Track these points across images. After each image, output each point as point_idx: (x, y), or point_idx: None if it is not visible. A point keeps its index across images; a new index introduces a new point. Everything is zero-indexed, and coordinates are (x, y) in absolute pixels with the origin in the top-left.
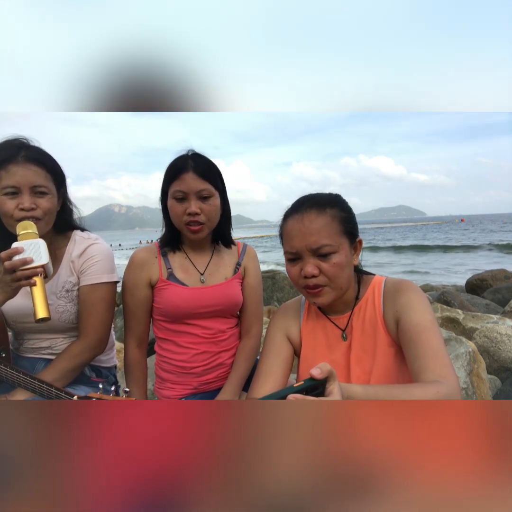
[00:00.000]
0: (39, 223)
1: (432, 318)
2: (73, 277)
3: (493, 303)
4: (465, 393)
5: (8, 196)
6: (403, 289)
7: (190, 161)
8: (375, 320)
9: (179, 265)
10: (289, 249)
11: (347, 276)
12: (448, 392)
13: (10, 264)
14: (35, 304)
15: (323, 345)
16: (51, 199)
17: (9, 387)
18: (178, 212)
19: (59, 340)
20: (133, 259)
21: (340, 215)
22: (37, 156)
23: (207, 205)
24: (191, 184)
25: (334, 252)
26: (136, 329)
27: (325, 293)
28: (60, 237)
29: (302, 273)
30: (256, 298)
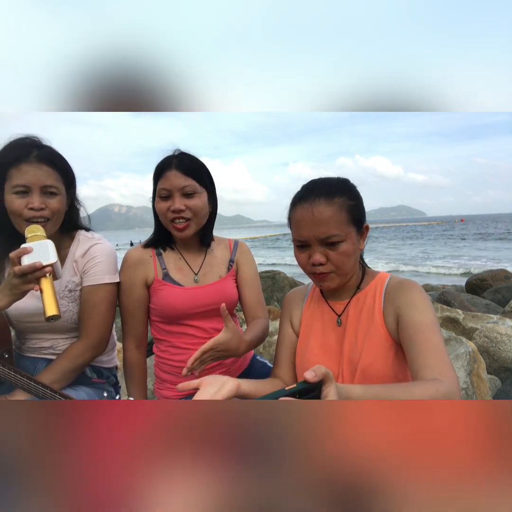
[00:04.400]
0: (47, 224)
1: (434, 318)
2: (76, 277)
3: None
4: (465, 393)
5: (18, 195)
6: (406, 287)
7: (174, 160)
8: (373, 313)
9: (174, 265)
10: (298, 237)
11: (353, 262)
12: (447, 390)
13: (20, 270)
14: (45, 302)
15: (318, 329)
16: (60, 200)
17: (9, 387)
18: (163, 209)
19: (61, 340)
20: (127, 258)
21: (348, 204)
22: (49, 157)
23: (191, 201)
24: (174, 181)
25: (341, 241)
26: (134, 330)
27: (331, 278)
28: (65, 237)
29: (310, 261)
30: (255, 289)
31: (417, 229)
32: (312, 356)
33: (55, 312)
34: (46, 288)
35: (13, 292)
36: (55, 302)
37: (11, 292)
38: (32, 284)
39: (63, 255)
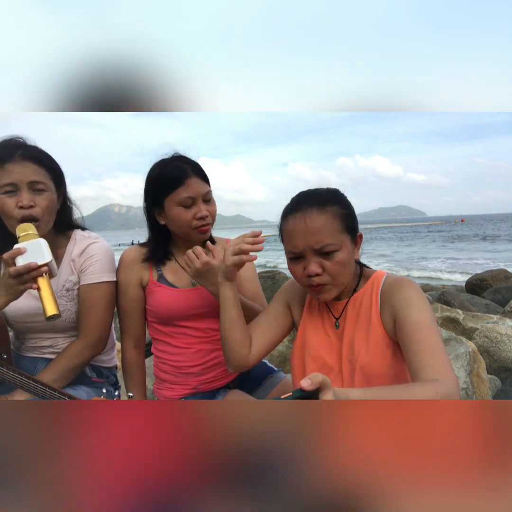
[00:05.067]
0: (39, 223)
1: (432, 316)
2: (74, 276)
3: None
4: (465, 393)
5: (7, 194)
6: (402, 285)
7: (189, 167)
8: (370, 312)
9: (169, 268)
10: (291, 249)
11: (349, 272)
12: (447, 391)
13: (15, 271)
14: (44, 302)
15: (319, 325)
16: (49, 197)
17: (9, 387)
18: (188, 218)
19: (60, 339)
20: (123, 259)
21: (341, 212)
22: (34, 154)
23: (211, 206)
24: (198, 189)
25: (336, 250)
26: (131, 329)
27: (327, 290)
28: (60, 236)
29: (305, 272)
30: (252, 287)
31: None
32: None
33: (55, 311)
34: (44, 287)
35: (9, 292)
36: (54, 301)
37: (7, 292)
38: (29, 284)
39: (59, 254)
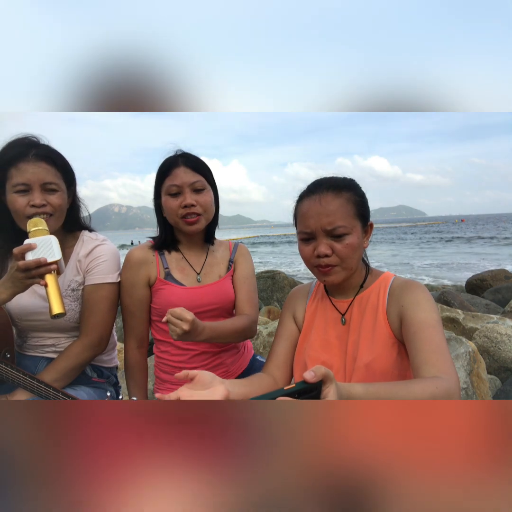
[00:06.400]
0: (50, 219)
1: (438, 317)
2: (79, 277)
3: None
4: (465, 393)
5: (19, 193)
6: (411, 287)
7: (180, 158)
8: (377, 311)
9: (176, 265)
10: (304, 229)
11: (358, 257)
12: (447, 388)
13: (25, 265)
14: (50, 300)
15: (320, 326)
16: (61, 196)
17: (9, 387)
18: (173, 206)
19: (62, 339)
20: (130, 258)
21: (355, 199)
22: (47, 154)
23: (201, 196)
24: (184, 177)
25: (347, 234)
26: (135, 330)
27: (335, 272)
28: (69, 236)
29: (315, 253)
30: (247, 286)
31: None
32: (312, 351)
33: (61, 310)
34: (51, 284)
35: (16, 285)
36: (60, 299)
37: (14, 285)
38: (36, 279)
39: (66, 254)
